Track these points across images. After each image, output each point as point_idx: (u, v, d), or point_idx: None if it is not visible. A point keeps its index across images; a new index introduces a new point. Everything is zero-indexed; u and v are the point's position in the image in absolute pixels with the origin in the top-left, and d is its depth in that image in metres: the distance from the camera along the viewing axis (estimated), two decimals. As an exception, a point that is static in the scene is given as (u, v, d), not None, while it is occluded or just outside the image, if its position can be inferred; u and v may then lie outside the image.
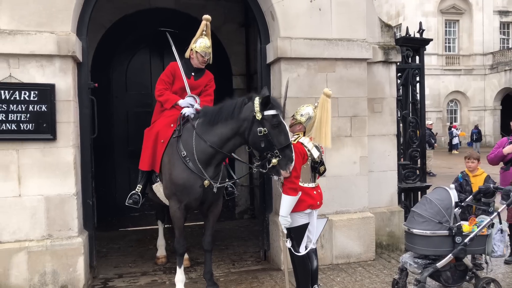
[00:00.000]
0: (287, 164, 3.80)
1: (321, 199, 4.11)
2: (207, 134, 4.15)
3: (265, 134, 3.85)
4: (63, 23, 4.50)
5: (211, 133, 4.13)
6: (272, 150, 3.84)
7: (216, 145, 4.12)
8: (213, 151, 4.14)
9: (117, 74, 7.55)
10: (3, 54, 4.33)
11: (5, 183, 4.39)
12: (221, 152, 4.16)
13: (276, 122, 3.85)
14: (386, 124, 5.87)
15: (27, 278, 4.40)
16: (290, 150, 3.84)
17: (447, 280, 4.21)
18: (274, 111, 3.87)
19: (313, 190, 4.05)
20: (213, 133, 4.12)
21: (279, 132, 3.85)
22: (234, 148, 4.25)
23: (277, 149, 3.80)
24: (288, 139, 3.88)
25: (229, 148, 4.18)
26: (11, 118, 4.35)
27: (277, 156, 3.80)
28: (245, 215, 8.17)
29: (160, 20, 7.25)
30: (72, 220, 4.56)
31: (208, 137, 4.14)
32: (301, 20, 5.17)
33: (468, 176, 5.28)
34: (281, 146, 3.82)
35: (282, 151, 3.82)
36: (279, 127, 3.85)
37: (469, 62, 30.82)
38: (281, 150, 3.81)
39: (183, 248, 4.38)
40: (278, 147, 3.81)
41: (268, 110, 3.87)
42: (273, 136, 3.84)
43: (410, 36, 6.41)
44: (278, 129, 3.85)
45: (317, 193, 4.07)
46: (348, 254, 5.34)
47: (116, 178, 7.46)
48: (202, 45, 4.74)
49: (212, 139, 4.12)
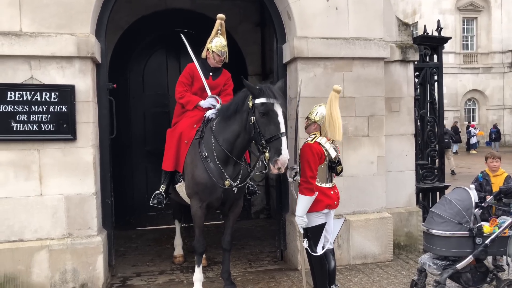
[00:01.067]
0: (274, 157, 3.54)
1: (338, 199, 4.08)
2: (221, 133, 4.16)
3: (253, 123, 3.71)
4: (83, 25, 4.57)
5: (225, 131, 4.13)
6: (259, 141, 3.66)
7: (229, 143, 4.08)
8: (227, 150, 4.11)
9: (134, 74, 7.62)
10: (25, 56, 4.41)
11: (27, 183, 4.47)
12: (234, 150, 4.09)
13: (264, 110, 3.65)
14: (403, 123, 5.81)
15: (48, 276, 4.48)
16: (278, 142, 3.55)
17: (467, 281, 4.14)
18: (264, 99, 3.67)
19: (330, 190, 4.02)
20: (227, 130, 4.12)
21: (267, 121, 3.64)
22: (244, 143, 4.07)
23: (264, 140, 3.60)
24: (278, 129, 3.60)
25: (241, 145, 4.07)
26: (32, 119, 4.43)
27: (265, 147, 3.59)
28: (261, 214, 8.18)
29: (177, 20, 7.30)
30: (92, 219, 4.63)
31: (223, 136, 4.13)
32: (317, 20, 5.15)
33: (489, 176, 5.20)
34: (269, 136, 3.59)
35: (269, 142, 3.59)
36: (267, 115, 3.64)
37: (487, 60, 30.29)
38: (268, 141, 3.59)
39: (203, 247, 4.40)
40: (266, 137, 3.60)
41: (259, 98, 3.71)
42: (261, 125, 3.65)
43: (428, 34, 6.33)
44: (267, 117, 3.64)
45: (334, 193, 4.04)
46: (366, 254, 5.31)
47: (134, 178, 7.54)
48: (218, 44, 4.77)
49: (225, 137, 4.11)
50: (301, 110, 5.12)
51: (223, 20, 4.86)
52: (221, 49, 4.77)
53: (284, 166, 3.59)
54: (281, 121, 3.66)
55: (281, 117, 3.68)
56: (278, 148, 3.54)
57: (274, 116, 3.65)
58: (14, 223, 4.46)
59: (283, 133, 3.61)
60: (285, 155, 3.55)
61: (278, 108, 3.68)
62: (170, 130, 4.94)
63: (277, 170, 3.57)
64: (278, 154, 3.54)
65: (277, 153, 3.54)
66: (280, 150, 3.54)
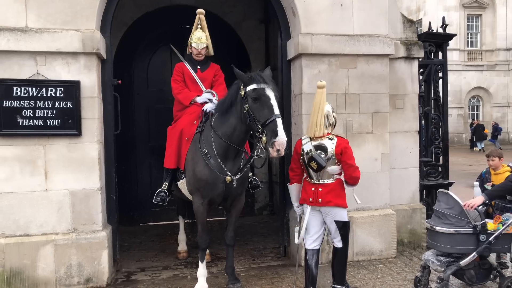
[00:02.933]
0: (271, 140, 3.52)
1: (317, 197, 3.97)
2: (220, 128, 4.17)
3: (248, 111, 3.73)
4: (88, 21, 4.58)
5: (224, 125, 4.14)
6: (255, 126, 3.66)
7: (227, 136, 4.09)
8: (226, 143, 4.11)
9: (138, 71, 7.63)
10: (31, 52, 4.43)
11: (33, 178, 4.50)
12: (234, 143, 4.08)
13: (255, 95, 3.67)
14: (408, 120, 5.81)
15: (53, 270, 4.52)
16: (274, 124, 3.54)
17: (471, 278, 4.15)
18: (254, 85, 3.71)
19: (311, 186, 4.02)
20: (225, 124, 4.12)
21: (260, 106, 3.66)
22: (242, 135, 4.06)
23: (260, 125, 3.61)
24: (272, 112, 3.60)
25: (239, 137, 4.06)
26: (38, 114, 4.45)
27: (262, 132, 3.58)
28: (264, 211, 8.20)
29: (181, 17, 7.29)
30: (97, 214, 4.66)
31: (221, 130, 4.14)
32: (322, 16, 5.14)
33: (490, 173, 5.21)
34: (264, 119, 3.59)
35: (265, 125, 3.58)
36: (259, 100, 3.66)
37: (492, 58, 30.15)
38: (264, 125, 3.58)
39: (206, 243, 4.42)
40: (261, 122, 3.60)
41: (249, 85, 3.75)
42: (254, 110, 3.67)
43: (433, 31, 6.31)
44: (259, 102, 3.66)
45: (314, 190, 3.99)
46: (369, 251, 5.32)
47: (138, 174, 7.56)
48: (194, 38, 4.97)
49: (224, 131, 4.12)
50: (305, 106, 5.15)
51: (202, 15, 5.03)
52: (197, 41, 4.94)
53: (283, 148, 3.53)
54: (274, 104, 3.66)
55: (274, 100, 3.68)
56: (274, 130, 3.53)
57: (266, 100, 3.67)
58: (20, 218, 4.50)
59: (277, 114, 3.60)
60: (282, 136, 3.52)
61: (269, 92, 3.71)
62: (170, 128, 4.98)
63: (276, 153, 3.53)
64: (275, 136, 3.52)
65: (274, 135, 3.52)
66: (277, 132, 3.52)
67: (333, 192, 3.97)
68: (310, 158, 3.93)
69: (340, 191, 4.03)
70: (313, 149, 3.97)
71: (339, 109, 5.21)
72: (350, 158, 3.94)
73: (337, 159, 3.96)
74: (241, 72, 3.90)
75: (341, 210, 4.03)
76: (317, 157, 3.89)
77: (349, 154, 3.95)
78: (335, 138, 4.01)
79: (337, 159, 3.96)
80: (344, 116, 5.22)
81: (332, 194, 3.96)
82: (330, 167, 3.96)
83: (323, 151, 3.94)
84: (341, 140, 4.02)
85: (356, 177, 3.96)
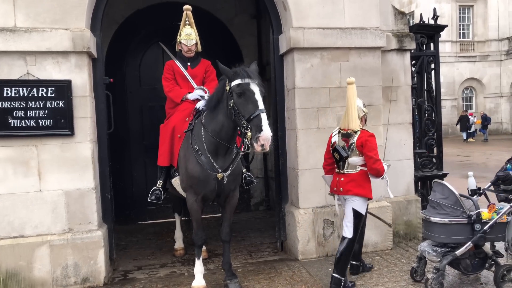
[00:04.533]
0: (255, 135, 3.48)
1: (341, 186, 4.17)
2: (210, 124, 4.15)
3: (233, 106, 3.71)
4: (77, 20, 4.54)
5: (213, 122, 4.12)
6: (240, 122, 3.63)
7: (216, 133, 4.06)
8: (215, 140, 4.09)
9: (130, 69, 7.59)
10: (20, 52, 4.38)
11: (26, 179, 4.47)
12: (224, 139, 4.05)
13: (240, 90, 3.65)
14: (401, 112, 5.81)
15: (50, 271, 4.50)
16: (258, 119, 3.50)
17: (466, 268, 4.18)
18: (238, 80, 3.69)
19: (337, 176, 4.25)
20: (214, 121, 4.10)
21: (245, 101, 3.63)
22: (230, 131, 4.00)
23: (245, 120, 3.58)
24: (256, 107, 3.57)
25: (227, 133, 4.02)
26: (30, 115, 4.41)
27: (246, 127, 3.55)
28: (260, 206, 8.21)
29: (172, 14, 7.24)
30: (92, 213, 4.64)
31: (211, 127, 4.12)
32: (313, 10, 5.13)
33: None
34: (249, 115, 3.56)
35: (250, 121, 3.55)
36: (244, 95, 3.64)
37: (484, 48, 30.29)
38: (249, 120, 3.56)
39: (201, 240, 4.42)
40: (246, 117, 3.58)
41: (234, 81, 3.72)
42: (239, 106, 3.65)
43: (424, 23, 6.31)
44: (244, 97, 3.64)
45: (339, 180, 4.20)
46: (365, 243, 5.30)
47: (133, 172, 7.54)
48: (183, 34, 4.98)
49: (213, 127, 4.10)
50: (298, 101, 5.15)
51: (189, 11, 5.03)
52: (186, 38, 4.96)
53: (267, 143, 3.49)
54: (259, 98, 3.64)
55: (258, 95, 3.66)
56: (258, 125, 3.50)
57: (250, 95, 3.64)
58: (14, 219, 4.47)
59: (262, 109, 3.57)
60: (266, 131, 3.48)
61: (254, 87, 3.68)
62: (163, 125, 4.97)
63: (260, 148, 3.49)
64: (259, 131, 3.48)
65: (258, 130, 3.49)
66: (261, 127, 3.49)
67: (353, 182, 4.11)
68: (334, 149, 4.19)
69: (362, 181, 4.13)
70: (338, 140, 4.20)
71: (332, 102, 5.22)
72: (370, 150, 4.03)
73: (358, 150, 4.10)
74: (225, 68, 3.87)
75: (360, 200, 4.13)
76: (339, 148, 4.14)
77: (369, 146, 4.04)
78: (359, 131, 4.15)
79: (359, 151, 4.10)
80: (337, 109, 5.22)
81: (352, 184, 4.11)
82: (351, 158, 4.12)
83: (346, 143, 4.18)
84: (364, 133, 4.14)
85: (377, 169, 4.04)
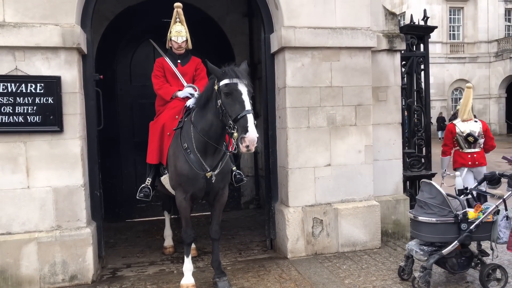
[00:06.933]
0: (240, 135, 3.47)
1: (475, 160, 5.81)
2: (199, 123, 4.14)
3: (220, 106, 3.72)
4: (67, 15, 4.51)
5: (202, 120, 4.11)
6: (227, 122, 3.63)
7: (205, 132, 4.06)
8: (204, 139, 4.08)
9: (121, 66, 7.54)
10: (9, 47, 4.34)
11: (14, 175, 4.43)
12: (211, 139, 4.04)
13: (227, 90, 3.64)
14: (391, 112, 5.86)
15: (37, 268, 4.47)
16: (244, 120, 3.50)
17: (452, 266, 4.24)
18: (227, 79, 3.68)
19: (467, 154, 5.84)
20: (203, 120, 4.10)
21: (232, 101, 3.63)
22: (219, 130, 3.98)
23: (231, 120, 3.58)
24: (243, 107, 3.56)
25: (216, 133, 4.01)
26: (18, 111, 4.37)
27: (233, 127, 3.55)
28: (250, 205, 8.22)
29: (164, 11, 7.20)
30: (81, 211, 4.61)
31: (200, 125, 4.12)
32: (305, 9, 5.15)
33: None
34: (235, 115, 3.55)
35: (236, 121, 3.54)
36: (231, 95, 3.63)
37: (473, 50, 30.58)
38: (235, 121, 3.55)
39: (190, 238, 4.42)
40: (233, 117, 3.57)
41: (222, 80, 3.71)
42: (226, 106, 3.65)
43: (415, 24, 6.37)
44: (231, 97, 3.63)
45: (471, 157, 5.83)
46: (354, 242, 5.38)
47: (123, 170, 7.50)
48: (173, 31, 4.99)
49: (202, 126, 4.09)
50: (288, 100, 5.17)
51: (179, 8, 5.04)
52: (176, 35, 4.97)
53: (252, 144, 3.48)
54: (246, 99, 3.63)
55: (246, 95, 3.65)
56: (244, 125, 3.50)
57: (238, 95, 3.64)
58: (2, 216, 4.43)
59: (248, 110, 3.57)
60: (251, 132, 3.48)
61: (242, 87, 3.68)
62: (152, 123, 4.94)
63: (245, 149, 3.49)
64: (245, 132, 3.48)
65: (244, 131, 3.49)
66: (247, 128, 3.48)
67: (483, 158, 5.87)
68: (468, 135, 5.76)
69: (484, 155, 5.94)
70: (468, 128, 5.80)
71: (323, 102, 5.25)
72: (490, 133, 5.97)
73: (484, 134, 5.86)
74: (214, 67, 3.88)
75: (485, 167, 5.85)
76: (473, 134, 5.77)
77: (489, 130, 5.99)
78: (478, 121, 5.92)
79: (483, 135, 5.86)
80: (328, 109, 5.26)
81: (483, 158, 5.87)
82: (479, 140, 5.81)
83: (474, 130, 5.81)
84: (483, 122, 5.99)
85: (493, 146, 5.98)
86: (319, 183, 5.27)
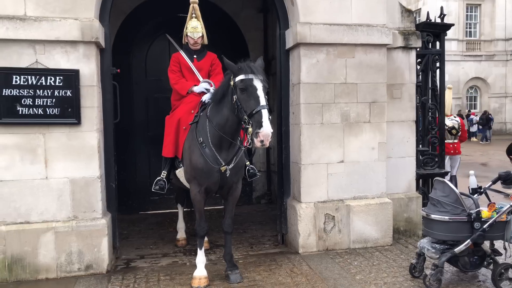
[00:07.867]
0: (255, 130, 3.53)
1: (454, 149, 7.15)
2: (215, 117, 4.19)
3: (236, 101, 3.77)
4: (87, 10, 4.58)
5: (217, 115, 4.16)
6: (242, 117, 3.69)
7: (221, 126, 4.11)
8: (219, 133, 4.13)
9: (136, 60, 7.62)
10: (30, 40, 4.43)
11: (33, 166, 4.54)
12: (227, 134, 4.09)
13: (243, 86, 3.70)
14: (405, 110, 5.85)
15: (54, 257, 4.58)
16: (259, 115, 3.55)
17: (465, 265, 4.23)
18: (242, 75, 3.73)
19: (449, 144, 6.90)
20: (219, 114, 4.15)
21: (247, 96, 3.68)
22: (234, 125, 4.04)
23: (246, 115, 3.63)
24: (258, 103, 3.61)
25: (231, 128, 4.07)
26: (37, 103, 4.47)
27: (248, 122, 3.60)
28: (262, 200, 8.27)
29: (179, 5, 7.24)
30: (96, 202, 4.71)
31: (216, 120, 4.17)
32: (320, 5, 5.15)
33: None
34: (250, 110, 3.61)
35: (251, 116, 3.60)
36: (246, 91, 3.68)
37: (490, 48, 30.13)
38: (250, 116, 3.60)
39: (204, 230, 4.48)
40: (248, 112, 3.63)
41: (238, 76, 3.76)
42: (241, 101, 3.71)
43: (431, 21, 6.32)
44: (246, 93, 3.69)
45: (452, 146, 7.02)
46: (366, 239, 5.39)
47: (137, 163, 7.60)
48: (189, 27, 5.04)
49: (218, 121, 4.15)
50: (303, 96, 5.19)
51: (195, 4, 5.08)
52: (192, 31, 5.01)
53: (267, 139, 3.53)
54: (261, 94, 3.68)
55: (261, 91, 3.70)
56: (259, 121, 3.55)
57: (253, 90, 3.69)
58: (21, 206, 4.54)
59: (263, 105, 3.62)
60: (266, 127, 3.53)
61: (257, 83, 3.73)
62: (168, 117, 5.02)
63: (260, 143, 3.54)
64: (259, 127, 3.54)
65: (258, 126, 3.54)
66: (261, 123, 3.53)
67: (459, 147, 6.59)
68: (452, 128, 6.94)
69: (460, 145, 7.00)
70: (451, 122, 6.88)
71: (337, 98, 5.25)
72: (464, 127, 6.53)
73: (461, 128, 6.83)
74: (230, 63, 3.92)
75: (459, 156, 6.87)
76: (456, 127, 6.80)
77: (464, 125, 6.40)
78: (457, 116, 6.82)
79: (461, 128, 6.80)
80: (342, 105, 5.26)
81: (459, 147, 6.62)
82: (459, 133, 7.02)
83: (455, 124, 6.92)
84: (460, 118, 6.67)
85: (465, 137, 6.44)
86: (331, 180, 5.29)
